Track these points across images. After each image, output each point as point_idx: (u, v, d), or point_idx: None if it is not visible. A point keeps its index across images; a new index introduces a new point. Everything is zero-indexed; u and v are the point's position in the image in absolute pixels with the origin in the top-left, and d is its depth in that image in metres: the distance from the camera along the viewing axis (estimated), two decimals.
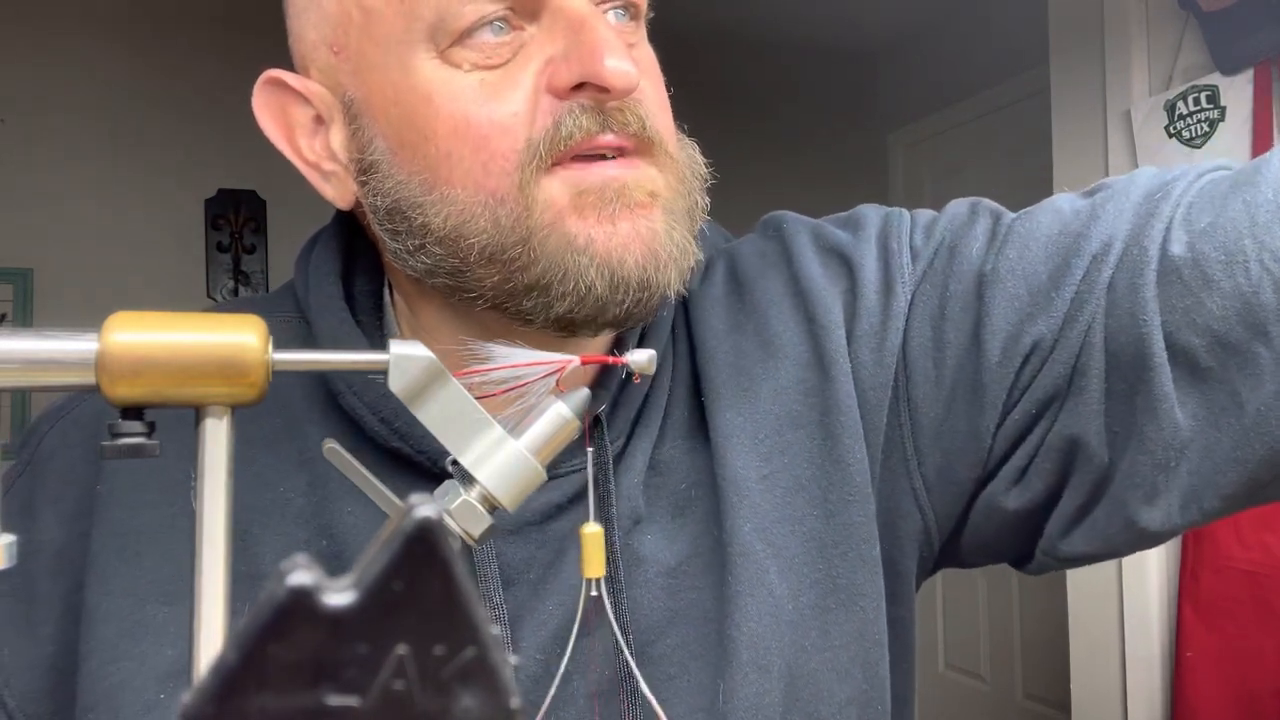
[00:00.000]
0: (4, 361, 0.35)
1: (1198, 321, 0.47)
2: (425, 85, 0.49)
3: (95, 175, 3.05)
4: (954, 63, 3.67)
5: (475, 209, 0.49)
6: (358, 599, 0.19)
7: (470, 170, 0.48)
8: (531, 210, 0.48)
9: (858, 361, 0.55)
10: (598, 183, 0.49)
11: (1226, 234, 0.47)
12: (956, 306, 0.54)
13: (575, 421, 0.43)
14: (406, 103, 0.49)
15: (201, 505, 0.35)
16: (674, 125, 0.54)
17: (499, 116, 0.48)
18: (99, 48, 3.07)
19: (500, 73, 0.48)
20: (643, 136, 0.50)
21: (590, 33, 0.47)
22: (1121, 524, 0.51)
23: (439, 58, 0.48)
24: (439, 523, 0.19)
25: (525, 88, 0.48)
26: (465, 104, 0.48)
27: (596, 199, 0.49)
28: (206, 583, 0.35)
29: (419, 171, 0.50)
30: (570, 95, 0.48)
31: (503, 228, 0.48)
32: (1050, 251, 0.52)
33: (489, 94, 0.48)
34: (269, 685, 0.19)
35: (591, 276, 0.48)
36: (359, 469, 0.42)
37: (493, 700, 0.20)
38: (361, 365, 0.41)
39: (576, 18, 0.48)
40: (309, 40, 0.53)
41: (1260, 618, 1.81)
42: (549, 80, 0.48)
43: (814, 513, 0.54)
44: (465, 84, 0.48)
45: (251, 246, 3.23)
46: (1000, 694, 3.34)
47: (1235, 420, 0.47)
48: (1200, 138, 1.95)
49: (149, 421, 0.36)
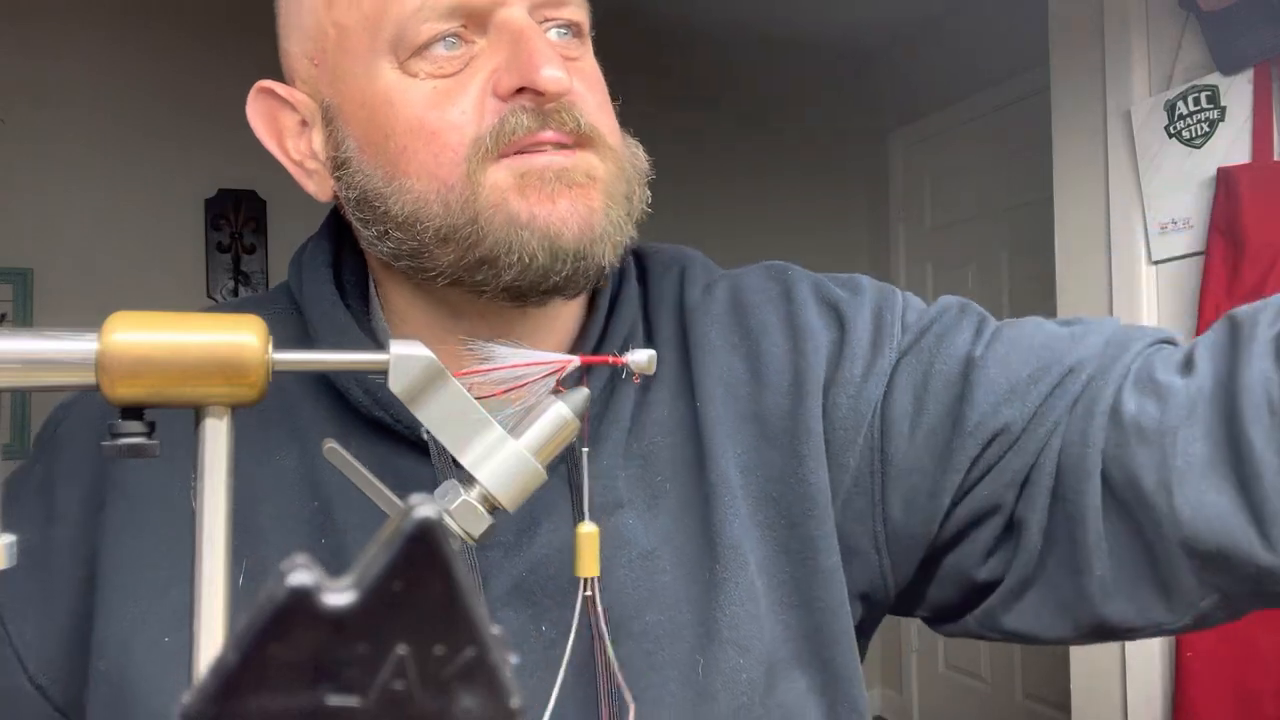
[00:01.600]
0: (4, 361, 0.35)
1: (1125, 465, 0.55)
2: (387, 91, 0.56)
3: (95, 175, 3.05)
4: (954, 63, 3.67)
5: (429, 196, 0.56)
6: (358, 599, 0.19)
7: (424, 163, 0.56)
8: (479, 194, 0.55)
9: (833, 402, 0.62)
10: (539, 167, 0.56)
11: (1152, 421, 0.55)
12: (939, 383, 0.61)
13: (575, 422, 0.43)
14: (372, 106, 0.57)
15: (201, 505, 0.35)
16: (616, 125, 0.61)
17: (450, 117, 0.55)
18: (99, 48, 3.07)
19: (452, 80, 0.56)
20: (580, 132, 0.57)
21: (528, 44, 0.55)
22: (1051, 612, 0.59)
23: (399, 68, 0.56)
24: (439, 523, 0.19)
25: (473, 93, 0.55)
26: (420, 107, 0.56)
27: (538, 180, 0.55)
28: (206, 582, 0.34)
29: (381, 165, 0.57)
30: (512, 98, 0.55)
31: (453, 210, 0.55)
32: (1031, 358, 0.60)
33: (441, 98, 0.55)
34: (269, 685, 0.19)
35: (534, 248, 0.54)
36: (359, 469, 0.42)
37: (493, 700, 0.20)
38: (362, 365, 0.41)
39: (517, 32, 0.55)
40: (293, 54, 0.61)
41: (1260, 618, 1.81)
42: (494, 86, 0.55)
43: (781, 521, 0.61)
44: (421, 90, 0.56)
45: (251, 246, 3.23)
46: (1000, 694, 3.34)
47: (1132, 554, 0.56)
48: (1200, 138, 1.95)
49: (149, 421, 0.36)
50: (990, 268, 3.54)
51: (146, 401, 0.36)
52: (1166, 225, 2.03)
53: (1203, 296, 1.91)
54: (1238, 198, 1.86)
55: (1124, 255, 2.14)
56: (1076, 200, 2.26)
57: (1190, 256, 2.00)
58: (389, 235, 0.58)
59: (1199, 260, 1.96)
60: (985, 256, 3.57)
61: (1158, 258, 2.06)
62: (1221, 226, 1.90)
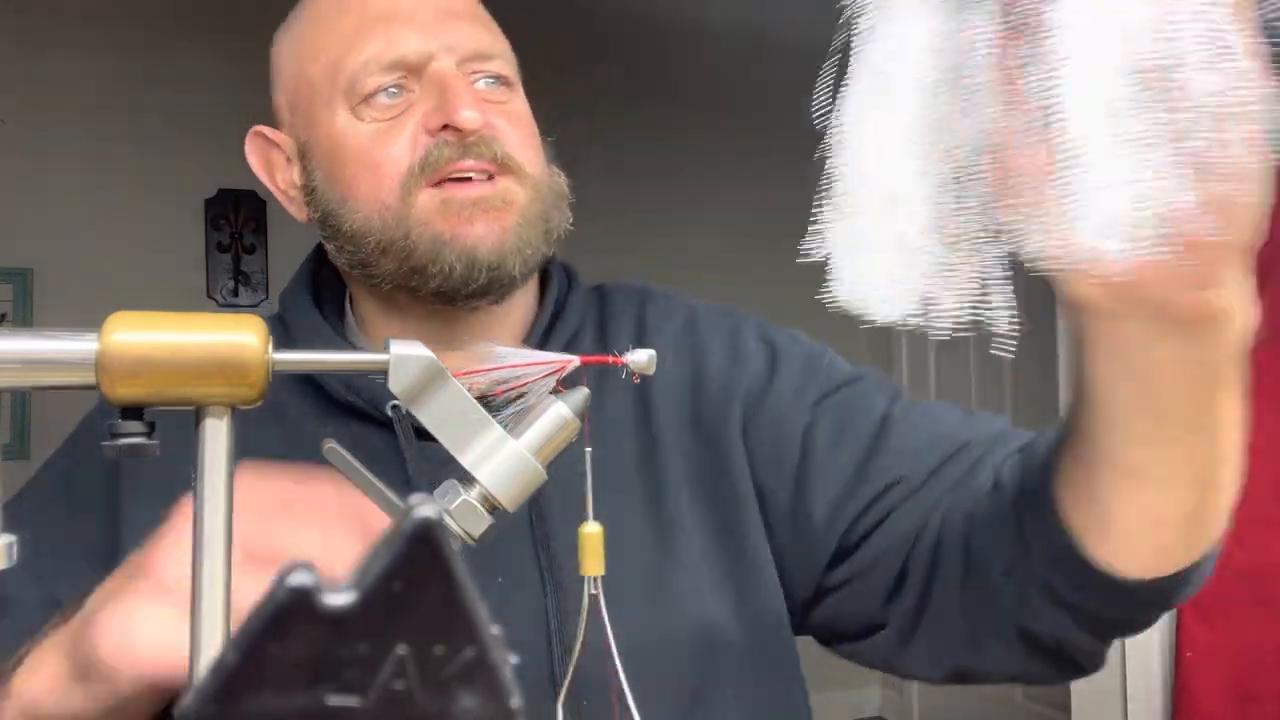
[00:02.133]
0: (4, 361, 0.35)
1: (978, 538, 0.62)
2: (341, 131, 0.70)
3: (95, 175, 3.05)
4: None
5: (371, 215, 0.69)
6: (358, 599, 0.19)
7: (368, 189, 0.69)
8: (409, 213, 0.68)
9: (755, 419, 0.73)
10: (460, 196, 0.68)
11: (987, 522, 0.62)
12: (856, 428, 0.71)
13: (575, 421, 0.43)
14: (330, 143, 0.71)
15: (201, 505, 0.35)
16: (537, 157, 0.73)
17: (389, 152, 0.69)
18: (99, 48, 3.07)
19: (392, 123, 0.69)
20: (498, 161, 0.69)
21: (451, 90, 0.68)
22: (926, 658, 0.67)
23: (351, 112, 0.70)
24: (439, 523, 0.19)
25: (408, 131, 0.69)
26: (366, 144, 0.69)
27: (459, 207, 0.68)
28: (207, 582, 0.34)
29: (338, 190, 0.71)
30: (438, 134, 0.68)
31: (389, 226, 0.68)
32: (938, 429, 0.70)
33: (382, 137, 0.69)
34: (269, 685, 0.19)
35: (453, 261, 0.67)
36: (359, 469, 0.42)
37: (493, 700, 0.20)
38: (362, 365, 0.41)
39: (443, 80, 0.69)
40: (278, 103, 0.77)
41: (1260, 618, 1.81)
42: (425, 124, 0.69)
43: (710, 503, 0.72)
44: (366, 131, 0.70)
45: (251, 246, 3.23)
46: (1000, 694, 3.34)
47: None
48: None
49: (149, 421, 0.36)
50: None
51: (146, 401, 0.36)
52: None
53: None
54: None
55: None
56: None
57: None
58: (344, 249, 0.71)
59: None
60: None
61: None
62: None
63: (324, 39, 0.72)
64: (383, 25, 0.70)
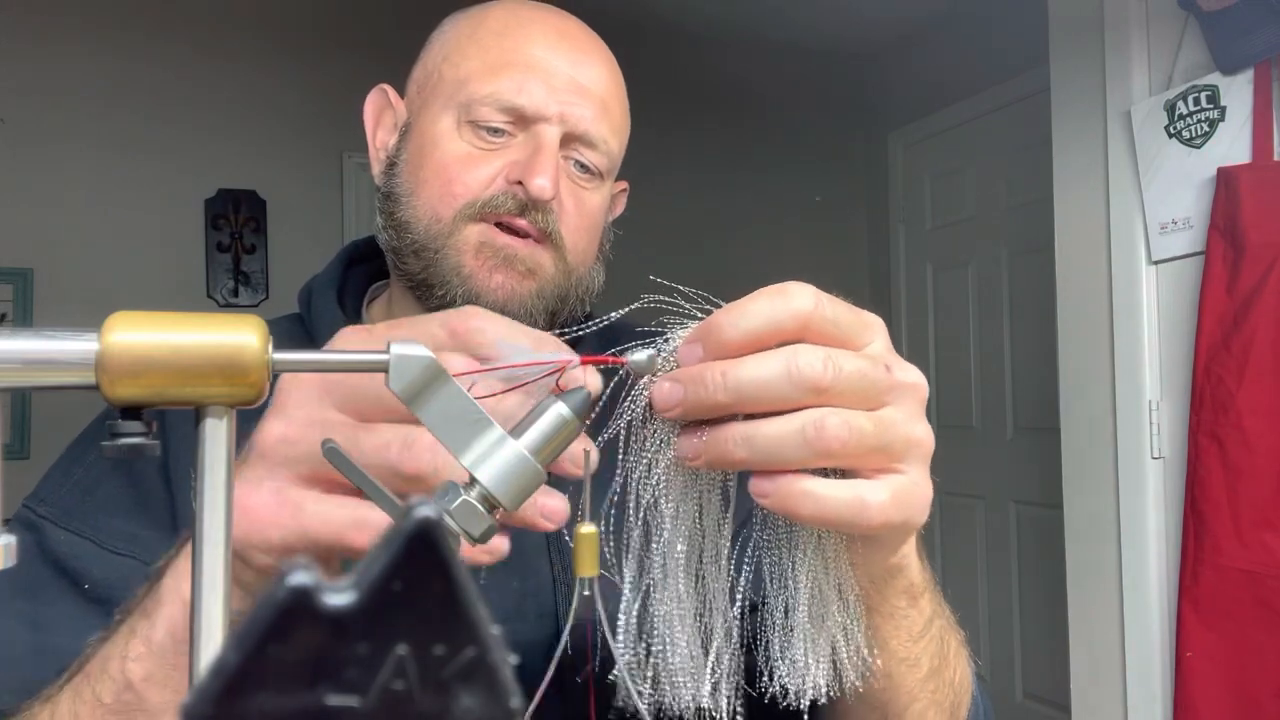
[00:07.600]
0: (4, 361, 0.35)
1: None
2: (440, 136, 0.76)
3: (95, 175, 3.05)
4: (954, 63, 3.67)
5: (423, 216, 0.75)
6: (358, 599, 0.19)
7: (432, 194, 0.75)
8: (452, 237, 0.74)
9: None
10: (498, 243, 0.74)
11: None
12: None
13: (575, 421, 0.43)
14: (426, 139, 0.77)
15: (201, 504, 0.35)
16: (588, 248, 0.78)
17: (466, 176, 0.74)
18: (99, 48, 3.07)
19: (484, 154, 0.75)
20: (546, 233, 0.74)
21: (540, 155, 0.73)
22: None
23: (457, 126, 0.75)
24: (439, 523, 0.19)
25: (491, 169, 0.74)
26: (452, 159, 0.75)
27: (490, 252, 0.74)
28: (207, 582, 0.34)
29: (410, 179, 0.77)
30: (510, 186, 0.74)
31: (431, 235, 0.75)
32: None
33: (468, 160, 0.75)
34: (269, 685, 0.19)
35: (457, 293, 0.73)
36: (359, 469, 0.42)
37: (493, 700, 0.20)
38: (362, 365, 0.41)
39: (540, 144, 0.74)
40: (413, 77, 0.82)
41: (1260, 618, 1.81)
42: (506, 171, 0.74)
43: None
44: (460, 149, 0.75)
45: (251, 246, 3.23)
46: (1000, 694, 3.34)
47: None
48: (1200, 138, 1.95)
49: (148, 421, 0.36)
50: (990, 267, 3.54)
51: (146, 401, 0.36)
52: (1166, 225, 2.03)
53: (1203, 296, 1.91)
54: (1238, 198, 1.86)
55: (1124, 255, 2.14)
56: (1076, 200, 2.26)
57: (1190, 256, 2.00)
58: (388, 228, 0.78)
59: (1199, 260, 1.96)
60: (985, 256, 3.57)
61: (1157, 257, 2.06)
62: (1221, 226, 1.90)
63: (471, 50, 0.76)
64: (521, 70, 0.74)
